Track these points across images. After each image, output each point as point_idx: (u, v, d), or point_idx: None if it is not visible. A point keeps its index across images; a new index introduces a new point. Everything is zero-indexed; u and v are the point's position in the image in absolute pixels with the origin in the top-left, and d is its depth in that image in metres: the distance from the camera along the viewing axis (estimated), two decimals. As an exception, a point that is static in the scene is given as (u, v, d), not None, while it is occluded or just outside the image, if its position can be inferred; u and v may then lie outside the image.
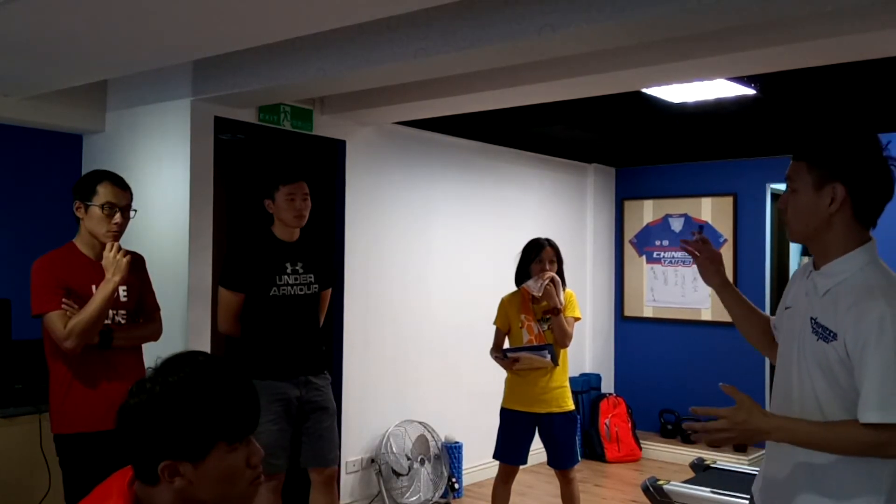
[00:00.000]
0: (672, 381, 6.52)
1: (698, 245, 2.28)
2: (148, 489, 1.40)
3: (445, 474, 5.08)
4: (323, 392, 3.53)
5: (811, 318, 1.82)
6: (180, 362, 1.42)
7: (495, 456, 4.01)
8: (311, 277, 3.53)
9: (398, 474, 4.81)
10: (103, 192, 2.92)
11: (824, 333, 1.77)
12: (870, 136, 1.81)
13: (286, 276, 3.45)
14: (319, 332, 3.66)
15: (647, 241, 6.74)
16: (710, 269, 2.27)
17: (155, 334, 3.14)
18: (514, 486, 4.07)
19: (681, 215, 6.54)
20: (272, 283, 3.42)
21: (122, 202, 2.96)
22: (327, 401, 3.54)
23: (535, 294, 3.87)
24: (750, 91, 4.12)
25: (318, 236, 3.84)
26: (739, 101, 4.41)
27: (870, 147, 1.80)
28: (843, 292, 1.77)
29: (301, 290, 3.49)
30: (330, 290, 3.73)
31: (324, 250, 3.69)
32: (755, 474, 2.14)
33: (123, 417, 1.39)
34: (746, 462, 5.57)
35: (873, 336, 1.68)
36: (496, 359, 3.99)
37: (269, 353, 3.42)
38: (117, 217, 2.94)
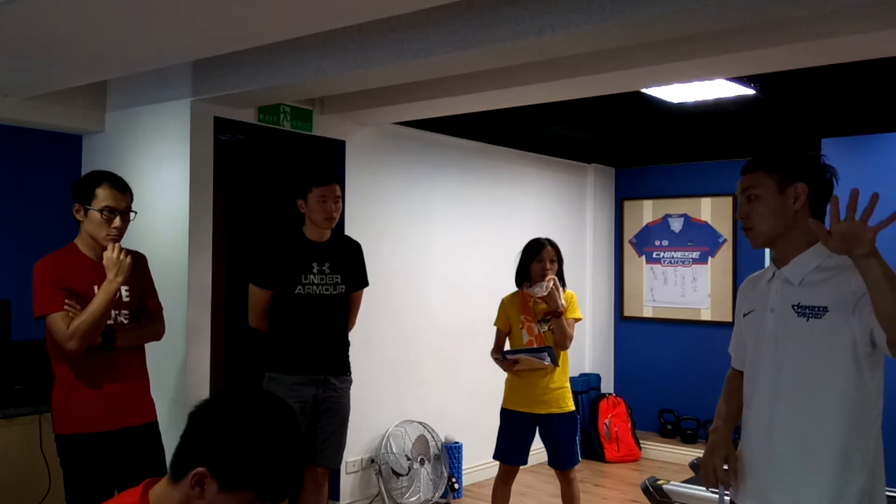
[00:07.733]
0: (672, 381, 6.52)
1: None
2: (167, 488, 1.43)
3: (445, 474, 5.08)
4: (339, 394, 3.55)
5: (793, 306, 2.00)
6: (281, 403, 1.50)
7: (495, 456, 4.01)
8: (337, 278, 3.56)
9: (398, 474, 4.81)
10: (102, 196, 2.88)
11: (813, 311, 1.96)
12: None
13: (312, 276, 3.50)
14: (345, 333, 3.68)
15: (646, 242, 6.74)
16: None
17: (158, 334, 3.12)
18: (514, 486, 4.07)
19: (680, 215, 6.54)
20: (298, 281, 3.48)
21: (122, 205, 2.93)
22: (340, 404, 3.56)
23: (542, 294, 3.87)
24: (749, 91, 4.12)
25: (348, 237, 3.84)
26: (739, 101, 4.40)
27: (813, 151, 2.03)
28: (820, 275, 1.98)
29: (327, 290, 3.53)
30: (361, 291, 3.75)
31: (354, 252, 3.71)
32: None
33: (201, 414, 1.45)
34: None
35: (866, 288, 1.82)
36: (496, 360, 3.99)
37: (290, 349, 3.48)
38: (117, 221, 2.90)
